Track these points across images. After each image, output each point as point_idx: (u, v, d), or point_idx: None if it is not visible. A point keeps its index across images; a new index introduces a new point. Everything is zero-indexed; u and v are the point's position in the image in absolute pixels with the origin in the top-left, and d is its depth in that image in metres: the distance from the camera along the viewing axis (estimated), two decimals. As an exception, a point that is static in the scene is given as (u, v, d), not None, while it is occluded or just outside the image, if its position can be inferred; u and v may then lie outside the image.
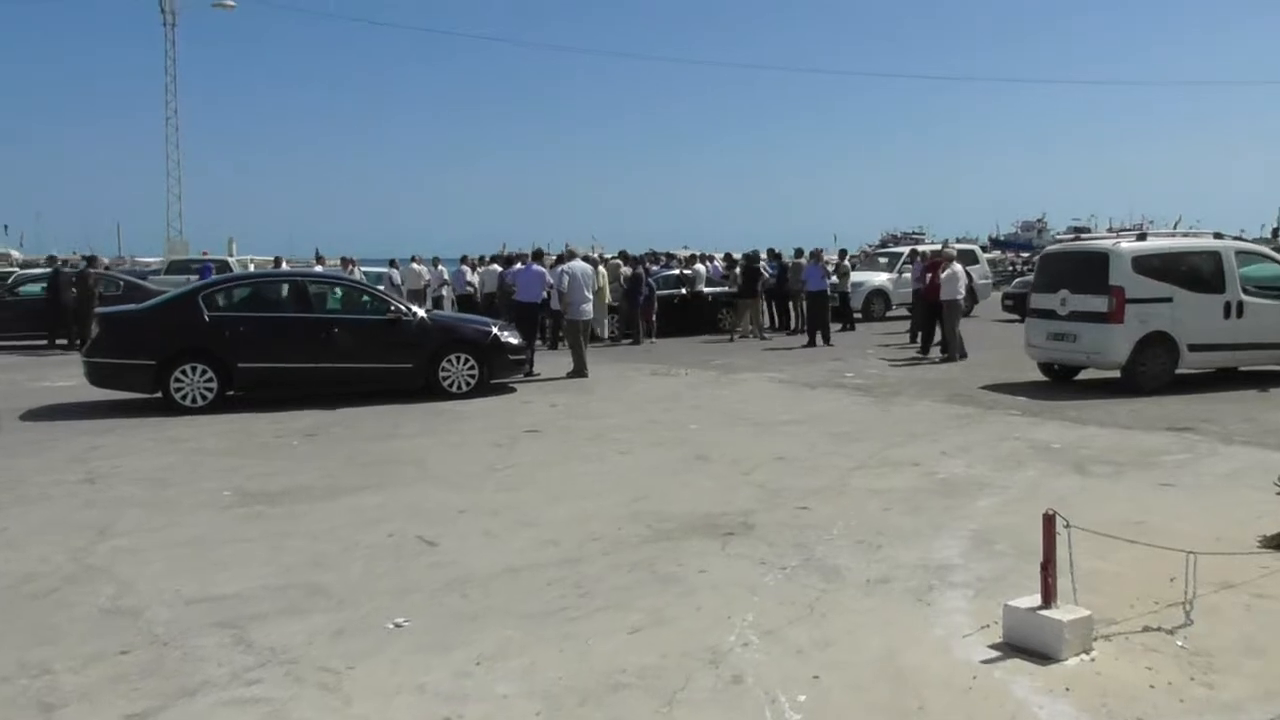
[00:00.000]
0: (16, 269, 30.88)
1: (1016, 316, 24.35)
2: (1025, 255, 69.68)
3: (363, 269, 27.70)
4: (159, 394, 11.38)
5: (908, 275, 23.48)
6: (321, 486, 7.80)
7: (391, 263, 26.36)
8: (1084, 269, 12.57)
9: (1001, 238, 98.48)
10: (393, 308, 12.44)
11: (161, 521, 6.79)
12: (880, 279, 26.30)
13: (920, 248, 27.28)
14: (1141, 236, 12.61)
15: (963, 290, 17.12)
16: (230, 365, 11.55)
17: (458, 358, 12.50)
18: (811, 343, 18.73)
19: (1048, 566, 4.39)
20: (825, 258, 22.19)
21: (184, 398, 11.37)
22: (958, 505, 6.90)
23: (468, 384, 12.51)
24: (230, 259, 35.48)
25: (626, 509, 6.96)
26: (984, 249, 46.54)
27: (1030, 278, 28.43)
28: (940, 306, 16.66)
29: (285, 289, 12.31)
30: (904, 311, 24.87)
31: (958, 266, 17.09)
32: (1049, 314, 12.89)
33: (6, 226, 69.79)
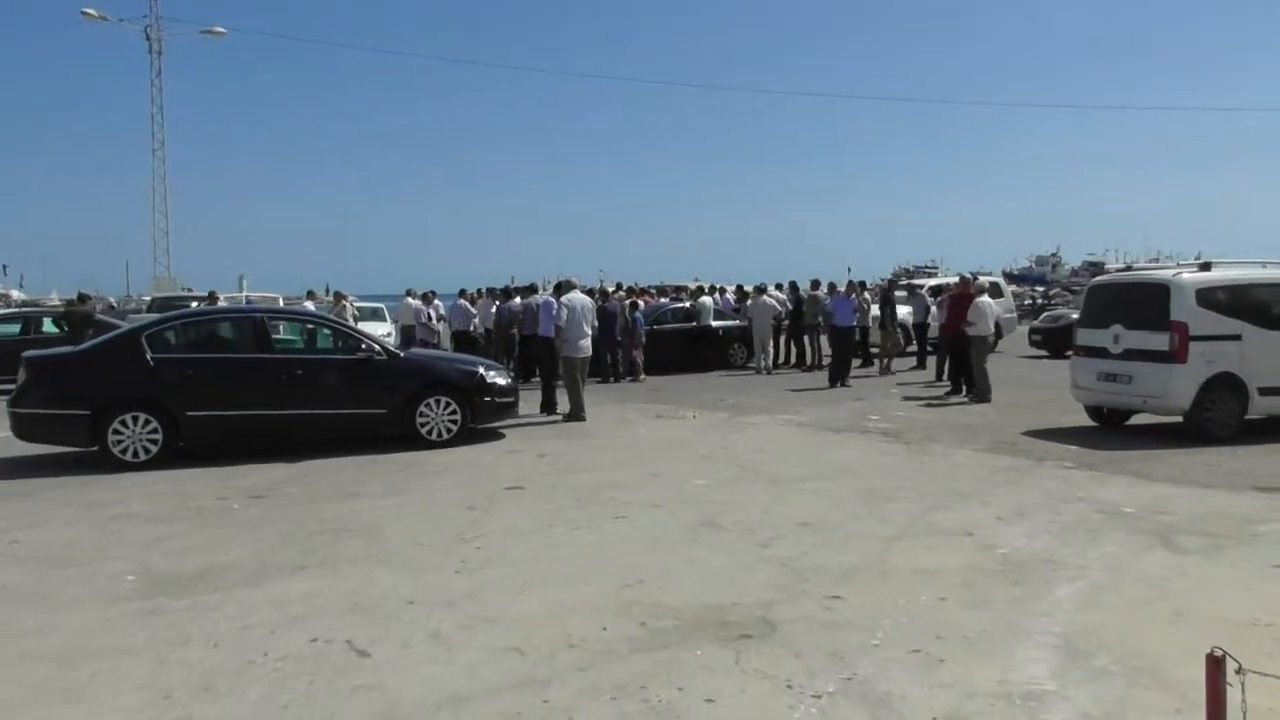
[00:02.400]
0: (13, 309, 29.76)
1: (1045, 352, 23.10)
2: (1041, 289, 68.33)
3: (358, 304, 26.64)
4: (96, 447, 10.07)
5: (932, 308, 22.20)
6: (248, 566, 6.44)
7: (310, 294, 25.26)
8: (1140, 302, 11.20)
9: (1015, 271, 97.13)
10: (363, 346, 11.11)
11: (29, 623, 5.42)
12: (901, 313, 24.86)
13: (936, 281, 25.96)
14: (1205, 266, 11.24)
15: (992, 325, 15.78)
16: (177, 414, 10.23)
17: (438, 401, 11.17)
18: (834, 384, 17.24)
19: (1216, 732, 2.98)
20: (860, 292, 20.69)
21: (124, 451, 10.04)
22: (1031, 595, 5.50)
23: (448, 430, 11.17)
24: (241, 296, 34.61)
25: (615, 598, 5.58)
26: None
27: (1058, 311, 27.25)
28: (965, 342, 15.33)
29: (241, 327, 10.98)
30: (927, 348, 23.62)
31: (986, 299, 15.77)
32: (1100, 352, 11.51)
33: (6, 267, 69.08)
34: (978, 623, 5.04)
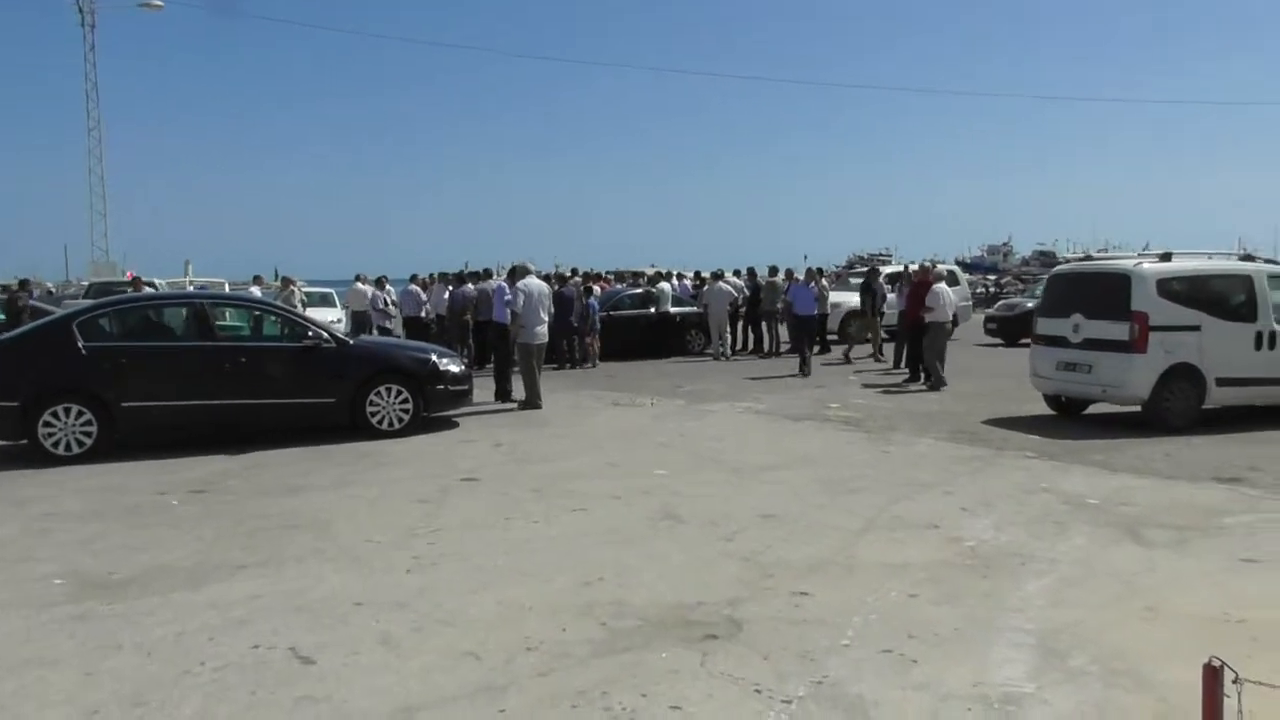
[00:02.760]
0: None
1: (1000, 340, 23.20)
2: (993, 278, 69.12)
3: (306, 289, 26.01)
4: (25, 441, 9.61)
5: (890, 295, 22.22)
6: (186, 567, 6.11)
7: (256, 279, 24.77)
8: (1101, 292, 11.15)
9: (968, 260, 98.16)
10: (310, 332, 10.73)
11: (-54, 628, 5.07)
12: (856, 299, 24.80)
13: (892, 269, 25.95)
14: (1166, 256, 11.23)
15: (950, 312, 15.72)
16: (112, 405, 9.78)
17: (389, 389, 10.84)
18: (803, 372, 16.65)
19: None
20: (819, 279, 20.30)
21: (56, 445, 9.59)
22: (1001, 589, 5.36)
23: (400, 420, 10.84)
24: (186, 281, 33.63)
25: (575, 596, 5.35)
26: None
27: (1013, 300, 27.38)
28: (924, 329, 15.28)
29: (180, 314, 10.53)
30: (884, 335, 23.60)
31: (943, 286, 15.71)
32: (1059, 341, 11.46)
33: None
34: (949, 620, 4.88)
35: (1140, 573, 5.62)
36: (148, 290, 16.87)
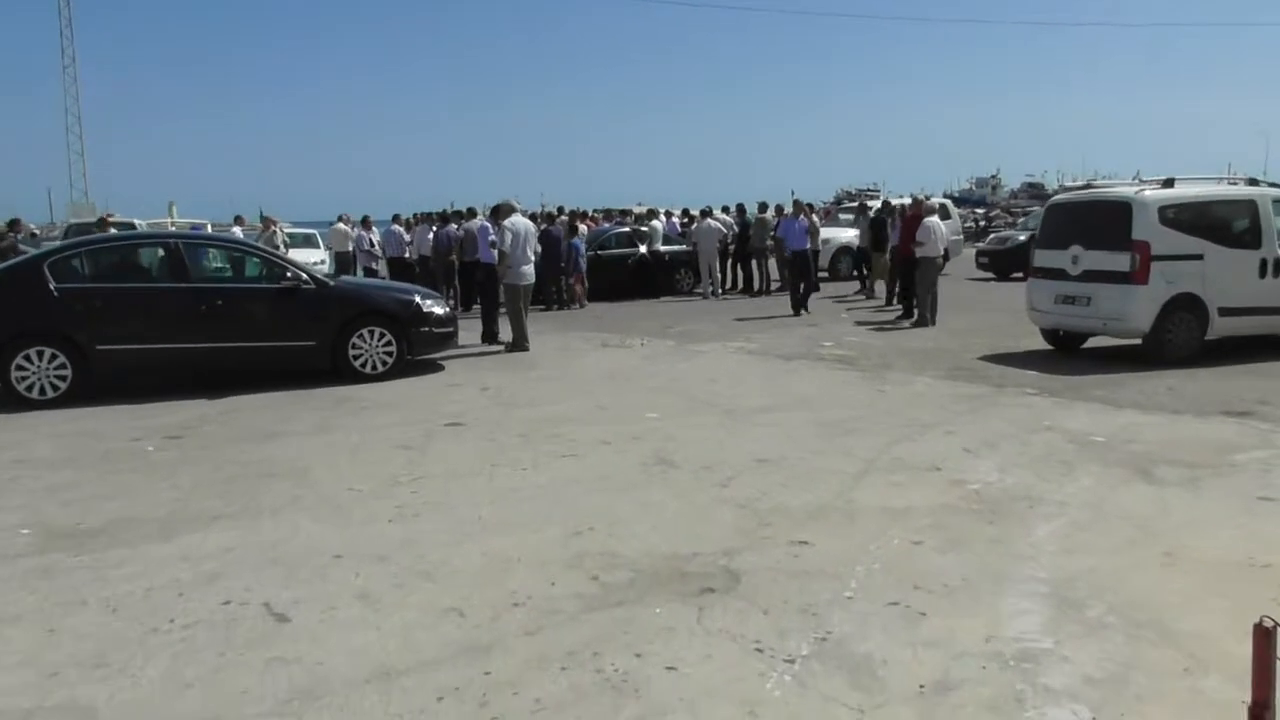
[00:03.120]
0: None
1: (992, 275, 22.91)
2: (981, 211, 68.64)
3: (289, 230, 25.46)
4: (-3, 385, 9.31)
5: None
6: (159, 517, 5.84)
7: (237, 219, 24.13)
8: (1100, 221, 10.85)
9: (956, 194, 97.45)
10: (289, 274, 10.37)
11: (-100, 586, 4.80)
12: (847, 235, 24.37)
13: (876, 202, 25.50)
14: (1169, 183, 10.89)
15: (941, 247, 15.38)
16: (86, 349, 9.46)
17: (371, 332, 10.52)
18: (797, 311, 16.26)
19: (1262, 713, 2.59)
20: (807, 212, 18.84)
21: (30, 389, 9.30)
22: (1009, 535, 5.13)
23: (383, 363, 10.55)
24: (168, 222, 32.93)
25: (564, 547, 5.11)
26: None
27: (1005, 233, 26.99)
28: (915, 264, 14.99)
29: (155, 254, 10.15)
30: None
31: (935, 220, 15.32)
32: (1058, 274, 11.18)
33: None
34: (957, 569, 4.66)
35: (1154, 515, 5.40)
36: (114, 231, 16.23)
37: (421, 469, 6.82)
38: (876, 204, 24.88)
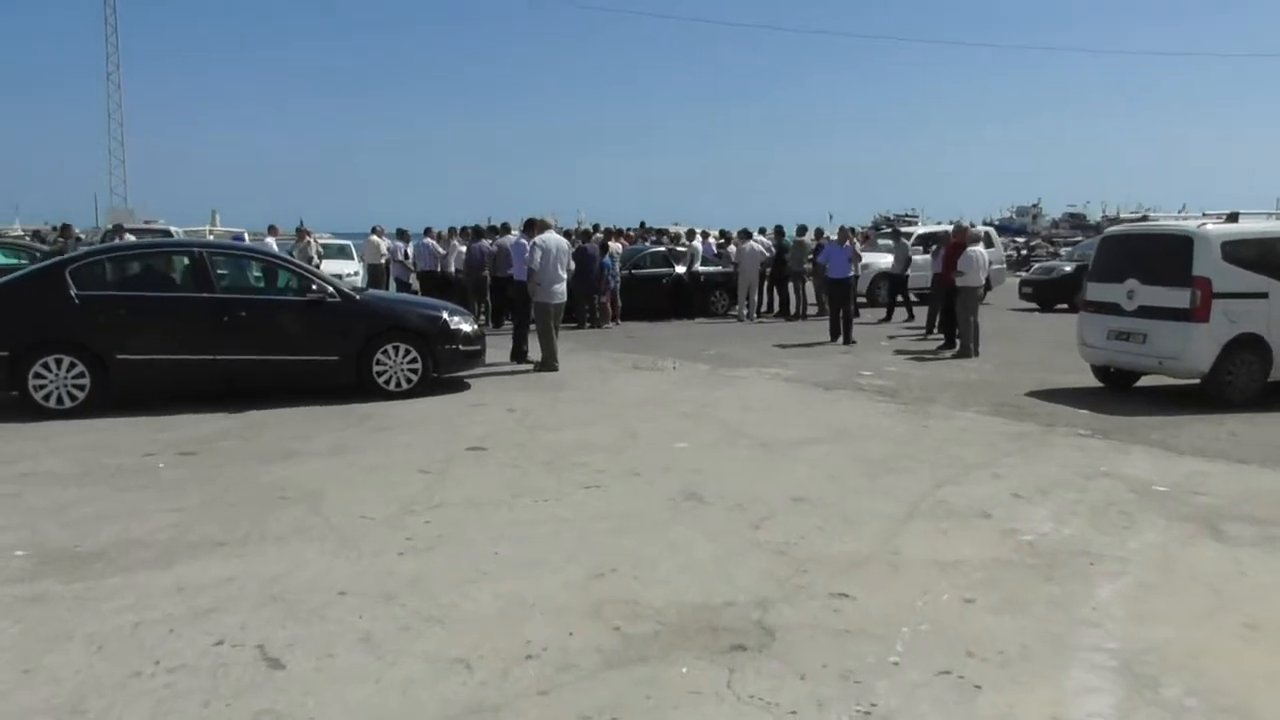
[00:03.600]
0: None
1: (1035, 305, 22.33)
2: (1022, 240, 67.76)
3: (323, 241, 25.38)
4: (16, 393, 9.10)
5: (922, 259, 21.44)
6: (160, 541, 5.55)
7: (271, 229, 23.75)
8: (1159, 256, 10.36)
9: (996, 222, 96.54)
10: (314, 286, 10.12)
11: (-123, 612, 4.52)
12: (887, 261, 23.88)
13: (926, 229, 24.99)
14: (1233, 217, 10.41)
15: (982, 276, 14.88)
16: (106, 358, 9.25)
17: (396, 348, 10.23)
18: (834, 338, 15.78)
19: None
20: (852, 238, 17.76)
21: (47, 398, 9.09)
22: (1070, 596, 4.70)
23: (408, 380, 10.25)
24: (207, 230, 33.11)
25: (585, 592, 4.74)
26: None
27: (1050, 263, 26.37)
28: (955, 293, 14.53)
29: (178, 262, 9.95)
30: (912, 297, 22.75)
31: (978, 249, 14.85)
32: (1111, 308, 10.68)
33: None
34: (1014, 634, 4.24)
35: (1229, 578, 4.95)
36: (130, 238, 16.07)
37: (439, 496, 6.48)
38: (916, 229, 24.45)
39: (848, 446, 7.99)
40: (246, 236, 32.05)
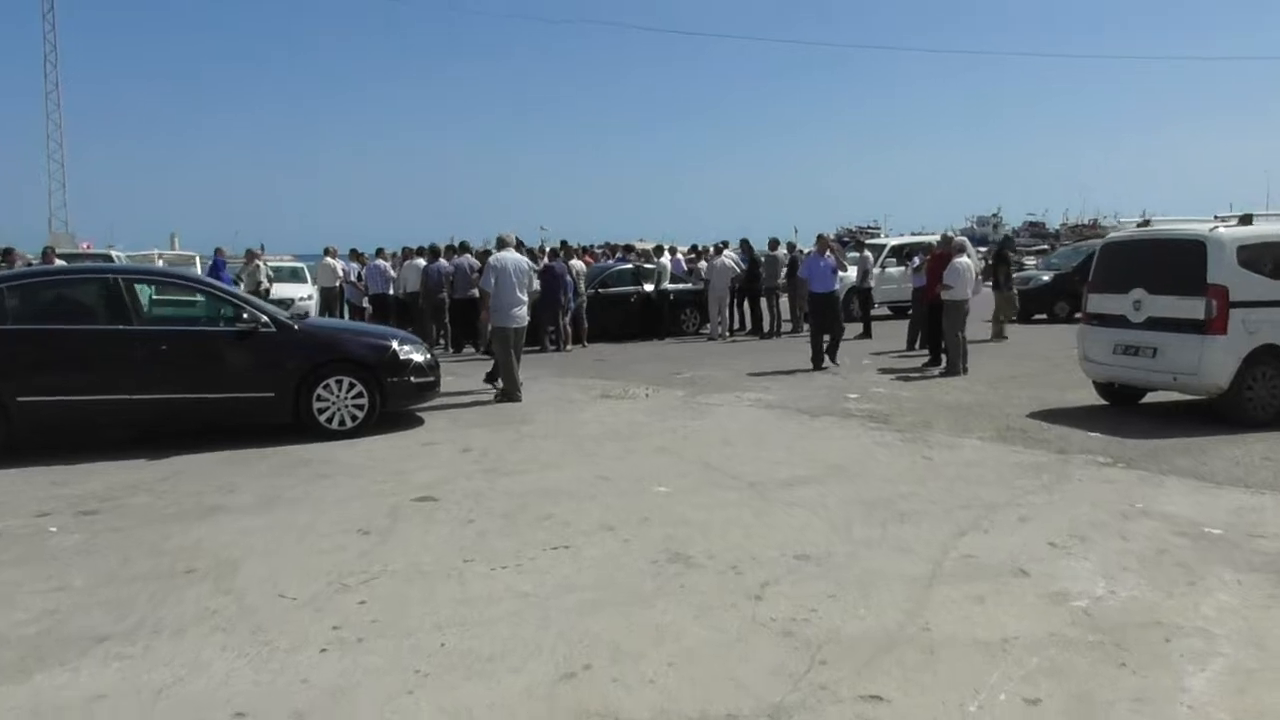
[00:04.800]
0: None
1: (1014, 317, 21.59)
2: (983, 250, 67.66)
3: (274, 264, 24.15)
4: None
5: (897, 270, 20.78)
6: (26, 638, 4.49)
7: (217, 251, 21.67)
8: (1168, 263, 9.59)
9: (957, 233, 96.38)
10: (245, 314, 9.06)
11: None
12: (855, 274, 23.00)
13: (901, 240, 24.23)
14: (1246, 220, 9.69)
15: (970, 289, 14.10)
16: (5, 400, 8.16)
17: (339, 382, 9.20)
18: (818, 365, 13.89)
19: None
20: (834, 247, 15.60)
21: (-68, 447, 7.98)
22: (1156, 689, 3.79)
23: (353, 418, 9.23)
24: (156, 255, 31.64)
25: (550, 702, 3.76)
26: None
27: (1028, 273, 25.69)
28: (939, 307, 13.74)
29: (90, 292, 8.84)
30: (885, 311, 22.01)
31: (965, 260, 14.06)
32: (1117, 321, 9.90)
33: None
34: (1101, 750, 3.31)
35: (1337, 657, 4.06)
36: (60, 263, 14.80)
37: (378, 563, 5.48)
38: (889, 241, 23.79)
39: (847, 486, 7.07)
40: (197, 260, 30.74)
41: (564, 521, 6.23)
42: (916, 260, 16.93)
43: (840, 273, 15.10)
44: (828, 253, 14.43)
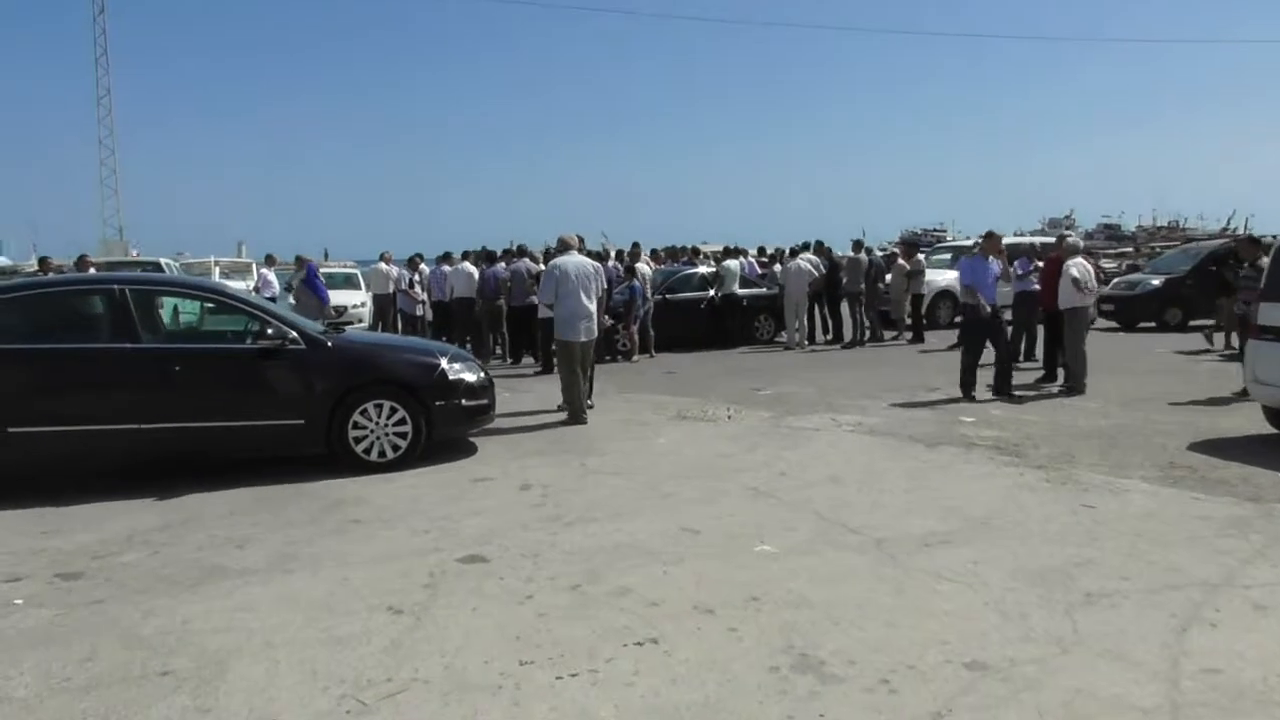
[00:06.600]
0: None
1: (1117, 324, 19.79)
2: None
3: (327, 270, 23.19)
4: None
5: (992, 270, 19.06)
6: (-88, 795, 3.26)
7: (268, 259, 21.54)
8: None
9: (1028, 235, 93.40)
10: (270, 330, 7.84)
11: None
12: (946, 278, 21.21)
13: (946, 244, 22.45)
14: None
15: (1091, 296, 12.41)
16: (-6, 429, 7.06)
17: (379, 407, 7.96)
18: (966, 393, 11.11)
19: None
20: (1002, 250, 12.32)
21: (-88, 484, 6.88)
22: None
23: (394, 449, 7.98)
24: (212, 263, 31.10)
25: None
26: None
27: (1133, 276, 23.61)
28: (1056, 316, 12.10)
29: (94, 305, 7.69)
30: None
31: (1082, 262, 12.36)
32: (1299, 334, 8.27)
33: None
34: None
35: None
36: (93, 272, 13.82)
37: (408, 664, 4.16)
38: (955, 242, 22.03)
39: (1000, 548, 5.59)
40: (255, 268, 29.97)
41: (647, 599, 4.86)
42: (1019, 266, 15.15)
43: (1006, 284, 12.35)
44: (991, 258, 11.52)
